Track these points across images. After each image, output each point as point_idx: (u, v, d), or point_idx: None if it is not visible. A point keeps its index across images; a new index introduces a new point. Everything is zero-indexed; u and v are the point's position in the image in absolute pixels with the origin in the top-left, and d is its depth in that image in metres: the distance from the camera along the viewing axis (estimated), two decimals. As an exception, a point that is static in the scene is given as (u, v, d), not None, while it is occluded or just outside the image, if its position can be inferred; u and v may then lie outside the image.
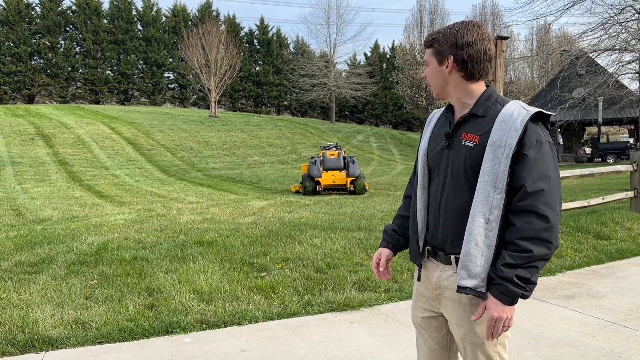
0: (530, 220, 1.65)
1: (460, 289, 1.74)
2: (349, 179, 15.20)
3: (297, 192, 15.88)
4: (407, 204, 2.11)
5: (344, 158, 15.93)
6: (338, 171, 15.44)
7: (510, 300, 1.66)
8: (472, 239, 1.71)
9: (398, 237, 2.07)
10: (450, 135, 1.83)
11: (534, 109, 1.73)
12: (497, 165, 1.69)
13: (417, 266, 1.96)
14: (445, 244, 1.83)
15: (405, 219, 2.08)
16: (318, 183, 15.13)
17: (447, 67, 1.80)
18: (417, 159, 2.05)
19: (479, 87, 1.82)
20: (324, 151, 16.19)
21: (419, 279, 1.95)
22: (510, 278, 1.64)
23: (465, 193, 1.77)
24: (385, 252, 2.06)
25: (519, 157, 1.68)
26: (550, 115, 1.79)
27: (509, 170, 1.67)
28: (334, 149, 16.45)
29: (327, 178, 15.11)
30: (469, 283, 1.72)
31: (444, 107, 2.02)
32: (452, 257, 1.82)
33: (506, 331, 1.74)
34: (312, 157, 15.78)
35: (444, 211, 1.82)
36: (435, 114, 2.03)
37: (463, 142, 1.78)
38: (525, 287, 1.66)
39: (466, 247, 1.72)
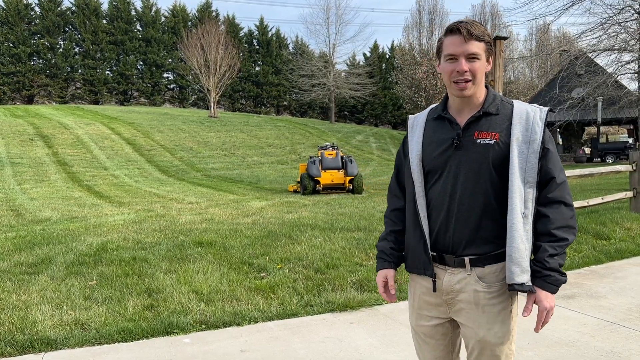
0: (560, 210, 1.75)
1: (517, 286, 1.73)
2: (347, 178, 15.51)
3: (295, 191, 16.08)
4: (396, 217, 2.02)
5: (342, 158, 16.22)
6: (336, 170, 15.72)
7: (556, 289, 1.75)
8: (517, 234, 1.72)
9: (398, 254, 2.01)
10: (459, 135, 1.81)
11: (544, 107, 1.82)
12: (524, 160, 1.74)
13: (429, 276, 1.87)
14: (458, 246, 1.80)
15: (398, 233, 2.01)
16: (317, 182, 15.36)
17: (489, 64, 1.83)
18: (404, 168, 1.98)
19: None
20: (322, 151, 16.43)
21: (434, 290, 1.87)
22: (556, 268, 1.73)
23: (484, 191, 1.77)
24: (390, 273, 1.98)
25: (544, 151, 1.76)
26: (550, 112, 1.86)
27: (538, 165, 1.74)
28: (331, 148, 16.73)
29: (326, 177, 15.43)
30: (523, 279, 1.73)
31: (425, 111, 1.98)
32: (466, 258, 1.79)
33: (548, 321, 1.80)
34: (310, 157, 16.07)
35: (456, 212, 1.79)
36: (417, 118, 1.99)
37: (478, 141, 1.77)
38: (565, 273, 1.75)
39: (514, 244, 1.72)
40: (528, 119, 1.77)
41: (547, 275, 1.73)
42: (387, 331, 3.76)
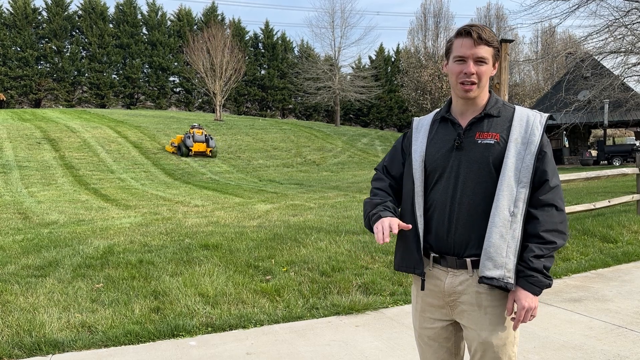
0: (551, 213, 1.76)
1: (486, 280, 1.74)
2: (209, 149, 26.41)
3: (173, 152, 26.45)
4: (385, 189, 1.97)
5: (206, 135, 26.72)
6: (202, 143, 26.26)
7: (539, 290, 1.75)
8: (497, 230, 1.74)
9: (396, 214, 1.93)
10: (460, 135, 1.84)
11: (545, 113, 1.86)
12: (520, 161, 1.76)
13: (419, 275, 1.88)
14: (460, 248, 1.80)
15: (392, 201, 1.93)
16: (190, 150, 25.79)
17: (495, 69, 1.86)
18: (398, 161, 2.00)
19: None
20: (194, 130, 26.71)
21: (422, 288, 1.90)
22: (540, 269, 1.74)
23: (484, 191, 1.78)
24: (395, 221, 1.81)
25: (540, 154, 1.78)
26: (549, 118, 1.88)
27: (533, 167, 1.76)
28: (198, 128, 27.20)
29: (196, 147, 25.98)
30: (495, 273, 1.74)
31: (430, 114, 2.01)
32: (468, 260, 1.80)
33: (531, 320, 1.82)
34: (186, 133, 26.52)
35: (457, 212, 1.80)
36: (422, 120, 2.02)
37: (480, 141, 1.80)
38: (550, 277, 1.77)
39: (491, 239, 1.74)
40: (528, 122, 1.81)
41: (529, 275, 1.74)
42: (392, 334, 3.76)
